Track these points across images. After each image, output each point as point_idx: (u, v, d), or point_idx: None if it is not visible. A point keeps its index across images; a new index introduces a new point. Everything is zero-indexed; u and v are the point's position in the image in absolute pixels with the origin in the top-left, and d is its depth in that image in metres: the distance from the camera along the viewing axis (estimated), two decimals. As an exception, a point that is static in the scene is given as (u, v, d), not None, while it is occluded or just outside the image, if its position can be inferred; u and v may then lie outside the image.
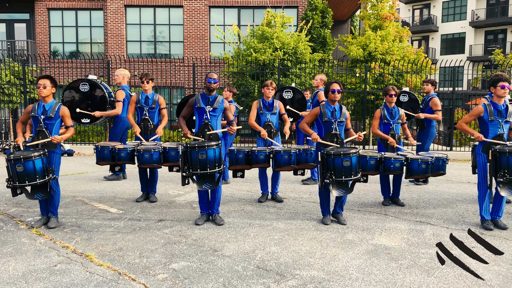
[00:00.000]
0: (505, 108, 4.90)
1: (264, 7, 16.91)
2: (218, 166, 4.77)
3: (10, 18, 18.73)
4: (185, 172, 4.75)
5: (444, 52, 36.47)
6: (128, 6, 17.41)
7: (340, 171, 4.74)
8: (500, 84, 4.82)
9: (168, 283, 3.47)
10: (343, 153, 4.70)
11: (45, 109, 4.83)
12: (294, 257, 4.06)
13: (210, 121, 5.02)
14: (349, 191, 4.90)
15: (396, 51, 13.66)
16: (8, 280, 3.49)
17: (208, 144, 4.69)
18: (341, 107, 5.09)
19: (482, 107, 4.94)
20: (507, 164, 4.67)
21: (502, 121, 4.86)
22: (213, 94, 5.05)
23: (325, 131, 5.07)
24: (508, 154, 4.64)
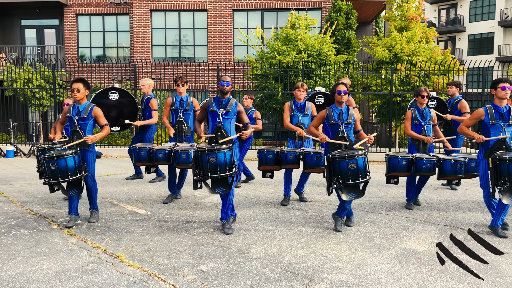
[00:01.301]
0: (508, 111, 4.69)
1: (287, 9, 16.90)
2: (229, 169, 4.67)
3: (40, 24, 19.29)
4: (196, 176, 4.71)
5: (471, 53, 35.62)
6: (153, 11, 17.69)
7: (346, 175, 4.61)
8: (501, 85, 4.63)
9: (197, 284, 3.50)
10: (348, 156, 4.58)
11: (79, 110, 5.11)
12: (321, 260, 4.03)
13: (223, 124, 4.97)
14: (361, 195, 4.75)
15: (422, 52, 13.42)
16: (43, 278, 3.59)
17: (218, 148, 4.62)
18: (348, 108, 4.97)
19: (483, 110, 4.75)
20: (507, 172, 4.44)
21: (504, 124, 4.66)
22: (227, 97, 5.01)
23: (332, 134, 4.97)
24: (508, 161, 4.42)
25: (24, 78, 14.51)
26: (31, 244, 4.43)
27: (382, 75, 13.23)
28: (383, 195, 6.84)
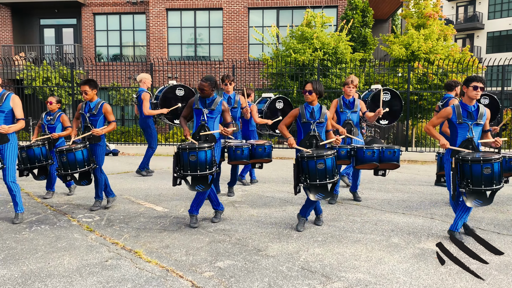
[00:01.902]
0: (476, 110, 4.51)
1: (303, 7, 16.85)
2: (209, 168, 4.73)
3: (59, 24, 19.60)
4: (176, 173, 4.77)
5: (490, 51, 35.00)
6: (169, 10, 17.81)
7: (314, 175, 4.54)
8: (473, 84, 4.46)
9: (215, 281, 3.53)
10: (316, 156, 4.51)
11: (90, 107, 5.58)
12: (338, 259, 4.03)
13: (207, 122, 5.00)
14: (329, 195, 4.72)
15: (440, 50, 13.24)
16: (64, 273, 3.66)
17: (199, 147, 4.66)
18: (321, 107, 4.93)
19: (450, 108, 4.57)
20: (470, 174, 4.26)
21: (471, 123, 4.48)
22: (211, 96, 5.03)
23: (304, 132, 4.93)
24: (471, 162, 4.23)
25: (43, 77, 14.77)
26: (51, 239, 4.51)
27: (399, 73, 13.10)
28: (400, 194, 6.78)
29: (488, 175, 4.20)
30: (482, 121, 4.50)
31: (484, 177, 4.20)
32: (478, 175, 4.21)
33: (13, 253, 4.09)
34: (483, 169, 4.19)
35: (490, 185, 4.22)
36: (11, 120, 4.95)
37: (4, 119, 4.86)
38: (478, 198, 4.28)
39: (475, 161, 4.22)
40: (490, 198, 4.31)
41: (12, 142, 4.93)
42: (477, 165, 4.21)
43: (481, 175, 4.20)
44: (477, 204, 4.28)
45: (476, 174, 4.21)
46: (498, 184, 4.25)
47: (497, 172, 4.22)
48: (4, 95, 4.86)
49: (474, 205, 4.29)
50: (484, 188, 4.22)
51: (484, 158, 4.20)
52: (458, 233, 4.54)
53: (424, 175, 8.69)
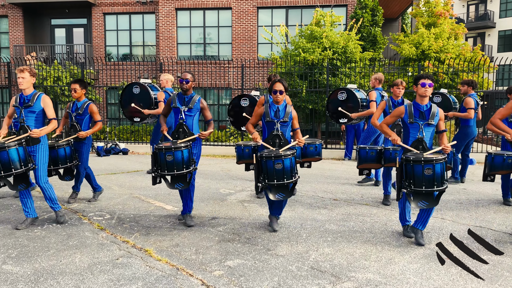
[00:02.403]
0: (428, 109, 4.42)
1: (312, 6, 16.80)
2: (187, 167, 4.73)
3: (69, 23, 19.76)
4: (154, 173, 4.78)
5: (501, 49, 34.58)
6: (179, 9, 17.87)
7: (272, 175, 4.48)
8: (421, 81, 4.36)
9: (224, 279, 3.54)
10: (274, 156, 4.45)
11: (77, 107, 5.85)
12: (348, 259, 4.02)
13: (186, 121, 4.96)
14: (289, 195, 4.64)
15: (451, 49, 13.12)
16: (75, 271, 3.70)
17: (175, 147, 4.65)
18: (286, 106, 4.84)
19: (403, 107, 4.49)
20: (412, 174, 4.17)
21: (422, 123, 4.39)
22: (189, 93, 5.00)
23: (268, 131, 4.86)
24: (413, 162, 4.14)
25: (54, 76, 14.91)
26: (63, 237, 4.56)
27: (409, 73, 13.01)
28: (410, 194, 6.74)
29: (429, 176, 4.11)
30: (433, 122, 4.40)
31: (425, 178, 4.12)
32: (420, 175, 4.12)
33: (25, 251, 4.15)
34: (424, 170, 4.09)
35: (431, 187, 4.12)
36: (41, 120, 4.93)
37: (35, 119, 4.86)
38: (424, 199, 4.22)
39: (416, 161, 4.13)
40: (437, 200, 4.24)
41: (44, 143, 4.91)
42: (418, 166, 4.12)
43: (422, 176, 4.12)
44: (422, 205, 4.21)
45: (417, 175, 4.13)
46: (440, 185, 4.14)
47: (439, 173, 4.12)
48: (35, 95, 4.87)
49: (419, 207, 4.21)
50: (424, 189, 4.13)
51: (425, 159, 4.10)
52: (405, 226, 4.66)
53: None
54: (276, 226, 4.85)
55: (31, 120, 4.85)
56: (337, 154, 11.29)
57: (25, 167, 4.66)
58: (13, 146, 4.58)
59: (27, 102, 4.84)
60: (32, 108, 4.84)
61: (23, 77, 4.81)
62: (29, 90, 4.89)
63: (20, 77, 4.81)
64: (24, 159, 4.67)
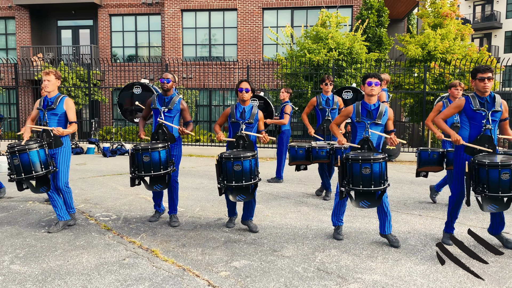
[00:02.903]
0: (376, 109, 4.36)
1: (318, 7, 16.79)
2: (164, 168, 4.68)
3: (75, 25, 19.86)
4: (131, 174, 4.71)
5: (508, 50, 34.37)
6: (184, 11, 17.91)
7: (231, 176, 4.41)
8: (367, 80, 4.31)
9: (231, 280, 3.55)
10: (233, 157, 4.38)
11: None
12: (354, 260, 4.01)
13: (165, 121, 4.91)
14: (250, 196, 4.56)
15: (457, 50, 13.05)
16: (82, 271, 3.72)
17: (152, 147, 4.59)
18: (252, 108, 4.79)
19: (351, 107, 4.45)
20: (351, 173, 4.12)
21: (369, 123, 4.33)
22: (170, 94, 4.95)
23: (233, 132, 4.81)
24: (351, 161, 4.09)
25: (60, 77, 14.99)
26: (70, 237, 4.59)
27: (415, 74, 12.96)
28: (416, 196, 6.71)
29: (367, 175, 4.05)
30: (381, 121, 4.35)
31: (363, 177, 4.07)
32: (358, 174, 4.08)
33: (33, 251, 4.17)
34: (362, 169, 4.05)
35: (369, 186, 4.06)
36: (63, 123, 4.90)
37: (57, 122, 4.86)
38: (366, 199, 4.16)
39: (354, 160, 4.08)
40: (378, 200, 4.19)
41: (66, 146, 4.91)
42: (356, 164, 4.08)
43: (360, 175, 4.07)
44: (364, 205, 4.15)
45: (356, 174, 4.09)
46: (378, 185, 4.07)
47: (377, 173, 4.05)
48: (58, 98, 4.87)
49: (361, 207, 4.16)
50: (362, 188, 4.08)
51: (363, 158, 4.05)
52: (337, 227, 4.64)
53: (440, 176, 8.58)
54: (230, 225, 4.93)
55: (53, 123, 4.85)
56: (343, 155, 11.24)
57: (45, 169, 4.62)
58: (34, 148, 4.54)
59: (50, 105, 4.84)
60: (55, 111, 4.86)
61: (48, 80, 4.84)
62: (54, 93, 4.90)
63: (46, 80, 4.83)
64: (45, 162, 4.63)
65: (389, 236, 4.43)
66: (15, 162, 4.53)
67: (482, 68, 4.09)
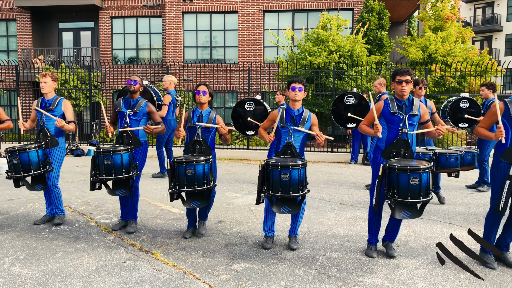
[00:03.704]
0: (299, 115, 4.34)
1: (318, 10, 16.81)
2: (126, 172, 4.55)
3: (77, 27, 19.90)
4: (92, 178, 4.59)
5: (509, 53, 34.38)
6: (185, 13, 17.95)
7: (183, 181, 4.27)
8: (291, 86, 4.30)
9: (232, 283, 3.54)
10: (185, 162, 4.24)
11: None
12: (355, 263, 4.00)
13: (131, 125, 4.83)
14: (205, 203, 4.46)
15: (458, 52, 13.07)
16: (83, 273, 3.71)
17: (114, 150, 4.49)
18: (210, 112, 4.67)
19: (277, 111, 4.42)
20: (271, 179, 4.04)
21: (292, 128, 4.30)
22: (136, 97, 4.87)
23: (190, 136, 4.68)
24: (271, 167, 4.03)
25: (61, 79, 15.00)
26: (71, 240, 4.58)
27: (415, 76, 12.96)
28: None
29: (285, 182, 3.99)
30: (304, 127, 4.33)
31: (282, 183, 4.00)
32: (277, 180, 4.02)
33: (33, 253, 4.17)
34: (280, 175, 3.99)
35: (287, 192, 4.00)
36: None
37: (55, 123, 4.95)
38: (287, 205, 4.11)
39: (274, 166, 4.03)
40: (299, 205, 4.15)
41: (61, 146, 5.04)
42: (276, 171, 4.02)
43: (279, 181, 4.01)
44: (284, 211, 4.10)
45: (275, 180, 4.03)
46: (296, 191, 4.02)
47: (295, 179, 4.00)
48: (57, 100, 5.03)
49: (282, 212, 4.11)
50: (280, 195, 4.01)
51: (282, 164, 4.00)
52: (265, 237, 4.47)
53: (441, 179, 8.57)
54: (187, 235, 4.69)
55: (51, 124, 4.98)
56: (344, 158, 11.26)
57: (43, 168, 4.83)
58: (33, 148, 4.73)
59: (48, 106, 4.98)
60: (53, 112, 4.97)
61: (45, 81, 4.97)
62: (51, 95, 5.05)
63: (43, 82, 4.98)
64: (43, 161, 4.83)
65: (292, 239, 4.42)
66: (14, 161, 4.72)
67: (401, 71, 4.07)
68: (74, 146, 12.43)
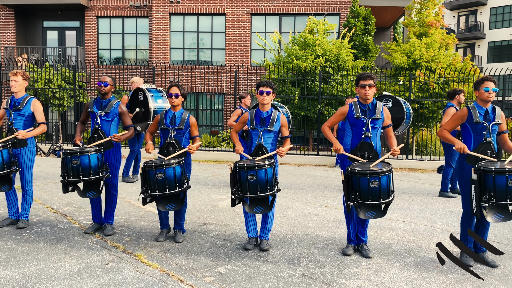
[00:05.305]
0: (268, 116, 4.42)
1: (305, 14, 16.92)
2: (95, 173, 4.49)
3: (62, 26, 19.65)
4: (63, 179, 4.51)
5: (491, 60, 35.10)
6: (172, 14, 17.88)
7: (154, 184, 4.23)
8: (259, 89, 4.38)
9: (215, 286, 3.53)
10: (155, 165, 4.20)
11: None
12: (339, 266, 4.02)
13: (102, 126, 4.72)
14: (179, 205, 4.40)
15: (442, 59, 13.28)
16: (64, 275, 3.66)
17: (81, 151, 4.41)
18: (182, 113, 4.59)
19: (247, 114, 4.51)
20: (239, 180, 4.13)
21: (261, 130, 4.38)
22: (107, 97, 4.79)
23: (163, 139, 4.61)
24: (239, 169, 4.10)
25: (45, 79, 14.80)
26: (52, 241, 4.51)
27: (400, 82, 13.13)
28: (400, 202, 6.78)
29: (253, 182, 4.06)
30: (273, 128, 4.39)
31: (249, 184, 4.07)
32: (245, 181, 4.08)
33: (13, 255, 4.09)
34: (248, 176, 4.06)
35: (255, 193, 4.07)
36: (30, 124, 4.91)
37: (23, 123, 4.87)
38: (260, 205, 4.18)
39: (241, 168, 4.09)
40: (271, 205, 4.21)
41: (30, 146, 4.93)
42: (243, 172, 4.08)
43: (247, 182, 4.07)
44: (257, 211, 4.16)
45: (243, 181, 4.10)
46: (264, 191, 4.08)
47: (262, 179, 4.06)
48: (26, 99, 4.90)
49: (255, 212, 4.17)
50: (249, 195, 4.08)
51: (248, 165, 4.06)
52: (248, 238, 4.51)
53: (424, 183, 8.70)
54: (161, 238, 4.64)
55: (19, 123, 4.87)
56: (329, 161, 11.33)
57: (8, 169, 4.71)
58: None
59: (17, 105, 4.88)
60: (22, 112, 4.87)
61: (15, 80, 4.88)
62: (21, 94, 4.94)
63: (13, 80, 4.88)
64: (8, 161, 4.71)
65: (264, 242, 4.44)
66: None
67: (364, 76, 4.20)
68: (57, 147, 12.25)
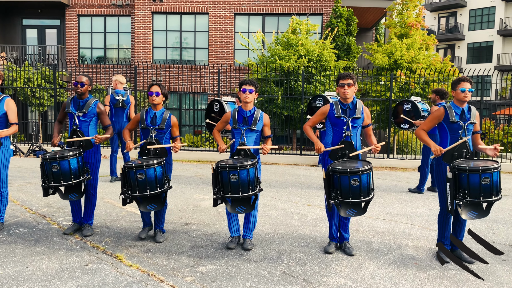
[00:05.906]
0: (251, 116, 4.46)
1: (288, 14, 16.99)
2: (75, 177, 4.42)
3: (42, 24, 19.32)
4: (43, 184, 4.45)
5: (470, 61, 35.81)
6: (155, 13, 17.74)
7: (134, 185, 4.20)
8: (242, 87, 4.43)
9: (196, 285, 3.52)
10: (135, 166, 4.16)
11: None
12: (320, 264, 4.06)
13: (80, 126, 4.66)
14: (160, 206, 4.38)
15: (422, 59, 13.50)
16: (42, 277, 3.60)
17: (61, 156, 4.35)
18: (163, 113, 4.59)
19: (229, 112, 4.55)
20: (221, 180, 4.15)
21: (244, 129, 4.41)
22: (85, 97, 4.72)
23: (143, 138, 4.61)
24: (221, 169, 4.11)
25: (25, 78, 14.53)
26: (30, 242, 4.44)
27: (381, 82, 13.29)
28: (381, 201, 6.87)
29: (235, 182, 4.08)
30: (255, 127, 4.42)
31: (231, 184, 4.09)
32: (226, 181, 4.12)
33: (-10, 257, 4.01)
34: (229, 176, 4.09)
35: (237, 193, 4.10)
36: (4, 124, 4.74)
37: None
38: (242, 204, 4.22)
39: (223, 168, 4.11)
40: (253, 204, 4.27)
41: (5, 147, 4.77)
42: (225, 172, 4.10)
43: (229, 182, 4.10)
44: (240, 211, 4.21)
45: (225, 181, 4.13)
46: (246, 191, 4.11)
47: (244, 179, 4.09)
48: None
49: (238, 212, 4.21)
50: (231, 195, 4.10)
51: (230, 166, 4.07)
52: (231, 237, 4.55)
53: (405, 182, 8.82)
54: (143, 235, 4.62)
55: None
56: (311, 160, 11.40)
57: None
58: None
59: None
60: None
61: None
62: None
63: None
64: None
65: (247, 241, 4.47)
66: None
67: (343, 75, 4.27)
68: (37, 147, 12.04)
